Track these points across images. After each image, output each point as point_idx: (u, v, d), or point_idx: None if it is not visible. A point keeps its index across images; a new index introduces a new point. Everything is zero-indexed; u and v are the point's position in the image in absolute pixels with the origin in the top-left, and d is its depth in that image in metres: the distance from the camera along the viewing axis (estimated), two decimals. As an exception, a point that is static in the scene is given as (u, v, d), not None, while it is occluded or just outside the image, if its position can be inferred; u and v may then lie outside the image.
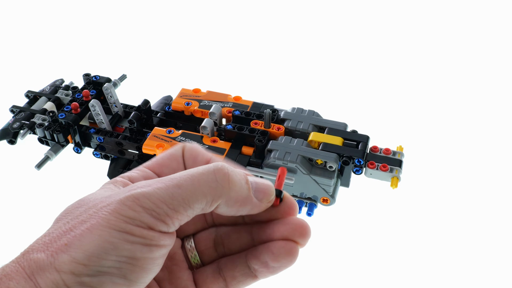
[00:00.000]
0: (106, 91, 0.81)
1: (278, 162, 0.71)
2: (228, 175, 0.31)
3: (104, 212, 0.29)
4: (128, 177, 0.34)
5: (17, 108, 0.84)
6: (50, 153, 0.78)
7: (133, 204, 0.29)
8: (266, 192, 0.33)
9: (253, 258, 0.33)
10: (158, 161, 0.35)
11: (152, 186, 0.29)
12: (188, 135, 0.76)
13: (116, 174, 0.78)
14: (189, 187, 0.30)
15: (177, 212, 0.29)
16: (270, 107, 0.81)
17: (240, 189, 0.31)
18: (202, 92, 0.84)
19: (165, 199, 0.29)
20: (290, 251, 0.32)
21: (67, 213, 0.31)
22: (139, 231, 0.28)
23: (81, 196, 0.35)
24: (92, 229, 0.28)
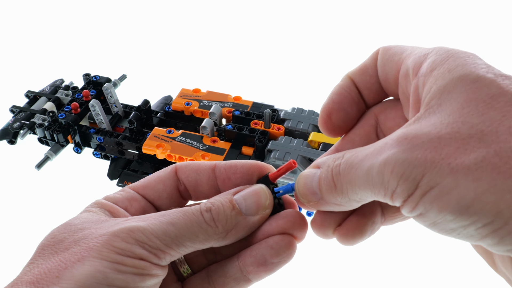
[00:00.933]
0: (106, 91, 0.81)
1: (278, 162, 0.71)
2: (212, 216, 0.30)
3: (96, 243, 0.28)
4: (112, 199, 0.33)
5: (17, 108, 0.84)
6: (50, 153, 0.78)
7: (126, 236, 0.28)
8: (258, 202, 0.32)
9: (248, 258, 0.32)
10: (143, 182, 0.34)
11: (146, 221, 0.29)
12: (188, 135, 0.76)
13: (116, 174, 0.78)
14: (182, 226, 0.30)
15: (170, 248, 0.29)
16: (270, 107, 0.81)
17: (229, 220, 0.31)
18: (202, 92, 0.84)
19: (158, 234, 0.29)
20: (290, 244, 0.32)
21: (55, 242, 0.30)
22: (131, 261, 0.28)
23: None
24: (83, 260, 0.28)
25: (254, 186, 0.33)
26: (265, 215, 0.32)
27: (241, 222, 0.31)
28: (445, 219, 0.24)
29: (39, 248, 0.30)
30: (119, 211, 0.33)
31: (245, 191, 0.32)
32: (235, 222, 0.31)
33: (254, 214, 0.32)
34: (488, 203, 0.23)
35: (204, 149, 0.74)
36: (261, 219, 0.32)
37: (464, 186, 0.23)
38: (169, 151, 0.74)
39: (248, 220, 0.31)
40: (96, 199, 0.34)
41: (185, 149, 0.74)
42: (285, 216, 0.32)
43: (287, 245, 0.32)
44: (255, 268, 0.32)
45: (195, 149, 0.74)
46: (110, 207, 0.33)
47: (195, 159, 0.73)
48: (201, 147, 0.74)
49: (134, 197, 0.34)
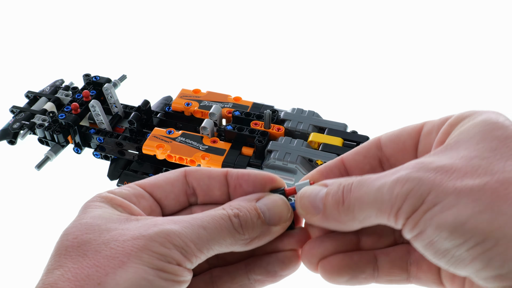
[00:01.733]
0: (106, 92, 0.81)
1: (278, 162, 0.71)
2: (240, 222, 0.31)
3: (132, 247, 0.28)
4: (120, 194, 0.33)
5: (17, 109, 0.84)
6: (50, 154, 0.78)
7: (164, 241, 0.28)
8: (281, 214, 0.33)
9: (258, 269, 0.33)
10: (151, 181, 0.34)
11: (179, 224, 0.29)
12: (188, 136, 0.76)
13: (116, 175, 0.78)
14: (212, 230, 0.30)
15: (201, 252, 0.30)
16: (270, 107, 0.81)
17: (255, 228, 0.32)
18: (202, 93, 0.84)
19: (192, 239, 0.29)
20: (298, 260, 0.34)
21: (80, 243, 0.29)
22: (171, 267, 0.28)
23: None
24: (125, 266, 0.27)
25: (275, 196, 0.33)
26: (285, 227, 0.33)
27: (264, 230, 0.32)
28: (440, 237, 0.25)
29: (61, 249, 0.29)
30: (131, 207, 0.32)
31: (268, 200, 0.33)
32: (260, 231, 0.32)
33: (276, 225, 0.33)
34: (482, 222, 0.24)
35: (204, 150, 0.74)
36: (281, 230, 0.33)
37: (464, 205, 0.25)
38: (169, 152, 0.74)
39: (270, 229, 0.32)
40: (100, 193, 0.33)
41: (185, 150, 0.74)
42: (295, 235, 0.34)
43: (296, 260, 0.34)
44: (263, 278, 0.33)
45: (195, 149, 0.74)
46: (121, 202, 0.32)
47: (195, 160, 0.73)
48: (201, 148, 0.74)
49: (142, 194, 0.34)
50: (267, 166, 0.72)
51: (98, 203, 0.32)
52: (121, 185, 0.76)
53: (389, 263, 0.32)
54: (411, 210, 0.26)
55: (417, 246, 0.27)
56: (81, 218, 0.30)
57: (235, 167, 0.72)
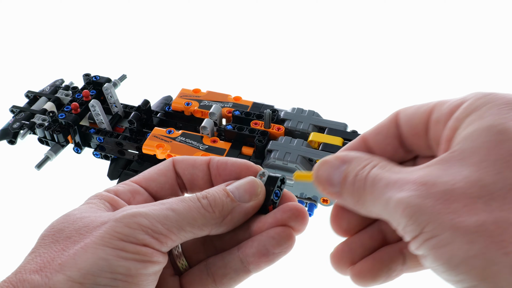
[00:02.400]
0: (106, 91, 0.81)
1: (278, 162, 0.71)
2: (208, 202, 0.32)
3: (98, 230, 0.29)
4: (114, 191, 0.34)
5: (17, 108, 0.84)
6: (50, 153, 0.78)
7: (129, 222, 0.29)
8: (251, 190, 0.33)
9: (249, 248, 0.33)
10: (145, 175, 0.35)
11: (148, 207, 0.30)
12: (188, 135, 0.76)
13: (116, 174, 0.78)
14: (181, 211, 0.30)
15: (171, 232, 0.30)
16: (270, 107, 0.81)
17: (225, 206, 0.32)
18: (202, 92, 0.84)
19: (160, 219, 0.30)
20: (290, 235, 0.33)
21: (55, 231, 0.30)
22: (133, 247, 0.28)
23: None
24: (86, 247, 0.28)
25: (246, 178, 0.34)
26: (258, 202, 0.33)
27: (236, 208, 0.32)
28: (438, 269, 0.25)
29: (39, 239, 0.31)
30: (120, 202, 0.33)
31: (237, 182, 0.34)
32: (231, 208, 0.32)
33: (247, 201, 0.33)
34: (475, 268, 0.24)
35: (204, 149, 0.74)
36: (255, 205, 0.33)
37: (459, 245, 0.24)
38: (169, 151, 0.74)
39: (242, 206, 0.33)
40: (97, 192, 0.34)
41: (185, 149, 0.74)
42: (285, 209, 0.33)
43: (288, 235, 0.33)
44: (256, 258, 0.32)
45: (195, 149, 0.74)
46: (111, 199, 0.33)
47: (195, 159, 0.73)
48: (201, 147, 0.74)
49: (137, 190, 0.34)
50: (267, 166, 0.72)
51: (91, 200, 0.33)
52: (121, 185, 0.76)
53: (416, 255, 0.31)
54: (412, 235, 0.26)
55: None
56: (67, 212, 0.32)
57: (235, 166, 0.72)
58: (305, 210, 0.34)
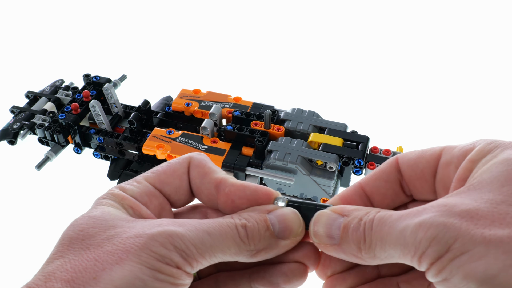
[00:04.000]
0: (106, 92, 0.81)
1: (278, 163, 0.71)
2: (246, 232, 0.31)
3: (133, 245, 0.28)
4: (132, 193, 0.32)
5: (17, 109, 0.84)
6: (50, 154, 0.78)
7: (165, 241, 0.28)
8: (292, 227, 0.32)
9: (261, 279, 0.33)
10: (161, 177, 0.34)
11: (184, 227, 0.29)
12: (188, 136, 0.76)
13: (116, 175, 0.78)
14: (217, 237, 0.29)
15: (203, 257, 0.29)
16: (270, 107, 0.81)
17: (262, 240, 0.31)
18: (202, 93, 0.84)
19: (195, 243, 0.29)
20: (303, 274, 0.33)
21: (84, 236, 0.29)
22: (169, 269, 0.28)
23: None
24: (122, 263, 0.27)
25: (287, 209, 0.32)
26: (295, 242, 0.32)
27: (272, 244, 0.31)
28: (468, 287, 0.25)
29: (65, 240, 0.29)
30: (141, 208, 0.32)
31: (280, 213, 0.32)
32: (267, 243, 0.31)
33: (285, 239, 0.32)
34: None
35: (204, 150, 0.74)
36: (291, 245, 0.32)
37: (494, 256, 0.24)
38: (169, 152, 0.74)
39: (279, 243, 0.32)
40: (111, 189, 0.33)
41: (185, 150, 0.74)
42: (302, 248, 0.33)
43: (301, 274, 0.33)
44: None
45: (195, 149, 0.74)
46: (132, 203, 0.32)
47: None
48: (201, 148, 0.74)
49: (153, 192, 0.33)
50: (267, 166, 0.72)
51: (109, 201, 0.32)
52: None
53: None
54: (435, 256, 0.26)
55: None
56: (91, 211, 0.31)
57: (235, 167, 0.72)
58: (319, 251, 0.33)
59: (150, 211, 0.33)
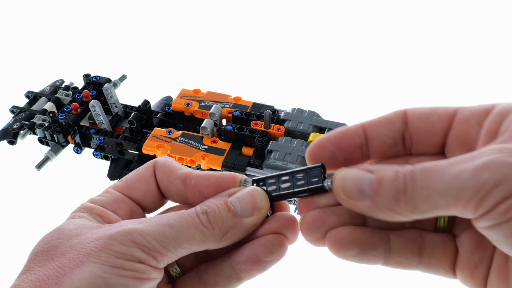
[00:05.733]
0: (106, 92, 0.81)
1: (278, 162, 0.71)
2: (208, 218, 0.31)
3: (93, 248, 0.28)
4: (101, 203, 0.33)
5: (17, 109, 0.84)
6: (50, 154, 0.78)
7: (125, 239, 0.28)
8: (254, 203, 0.32)
9: (241, 256, 0.32)
10: (128, 183, 0.34)
11: (144, 223, 0.29)
12: (188, 136, 0.76)
13: (116, 175, 0.78)
14: (179, 228, 0.30)
15: (167, 250, 0.29)
16: (270, 107, 0.81)
17: (225, 222, 0.31)
18: (202, 93, 0.84)
19: (156, 236, 0.29)
20: (282, 243, 0.32)
21: (49, 248, 0.29)
22: (130, 265, 0.28)
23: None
24: (83, 266, 0.27)
25: (248, 188, 0.33)
26: (261, 217, 0.32)
27: (237, 223, 0.31)
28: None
29: (32, 255, 0.30)
30: (109, 215, 0.33)
31: (239, 193, 0.32)
32: (231, 224, 0.31)
33: (249, 216, 0.32)
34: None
35: (204, 150, 0.74)
36: (257, 220, 0.32)
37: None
38: (169, 152, 0.74)
39: (244, 221, 0.32)
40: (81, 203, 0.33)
41: (185, 150, 0.74)
42: (278, 218, 0.33)
43: (279, 243, 0.32)
44: (247, 266, 0.32)
45: (195, 149, 0.74)
46: (100, 211, 0.32)
47: (195, 160, 0.73)
48: (201, 148, 0.74)
49: (121, 198, 0.34)
50: (267, 166, 0.72)
51: (79, 213, 0.32)
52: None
53: (402, 244, 0.31)
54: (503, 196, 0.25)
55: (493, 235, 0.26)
56: (59, 226, 0.31)
57: (235, 167, 0.72)
58: (297, 221, 0.33)
59: (119, 217, 0.33)
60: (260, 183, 0.33)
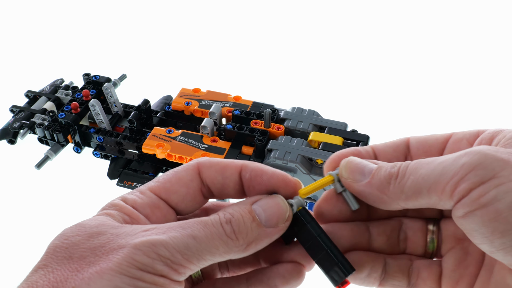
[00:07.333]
0: (106, 91, 0.81)
1: (278, 161, 0.71)
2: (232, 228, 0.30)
3: (115, 255, 0.27)
4: (132, 203, 0.32)
5: (17, 108, 0.84)
6: (50, 153, 0.78)
7: (148, 250, 0.27)
8: (279, 214, 0.31)
9: (258, 283, 0.32)
10: (166, 186, 0.33)
11: (167, 233, 0.28)
12: (188, 135, 0.76)
13: (116, 174, 0.78)
14: (203, 239, 0.29)
15: (191, 263, 0.28)
16: (270, 106, 0.81)
17: (250, 232, 0.30)
18: (202, 92, 0.84)
19: (180, 249, 0.28)
20: (300, 274, 0.32)
21: (68, 244, 0.29)
22: (150, 277, 0.27)
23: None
24: (102, 273, 0.27)
25: (273, 196, 0.32)
26: (284, 228, 0.32)
27: (261, 233, 0.31)
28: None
29: (51, 249, 0.29)
30: (140, 218, 0.32)
31: (264, 201, 0.32)
32: (256, 234, 0.30)
33: (273, 226, 0.31)
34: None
35: (204, 149, 0.74)
36: (279, 232, 0.32)
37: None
38: (169, 151, 0.74)
39: (268, 231, 0.31)
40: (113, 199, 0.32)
41: (185, 149, 0.74)
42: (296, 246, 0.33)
43: (298, 274, 0.32)
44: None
45: (195, 148, 0.74)
46: (130, 212, 0.31)
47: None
48: (201, 147, 0.74)
49: (156, 204, 0.32)
50: (267, 165, 0.72)
51: (109, 211, 0.31)
52: (121, 185, 0.76)
53: (396, 267, 0.33)
54: (478, 181, 0.26)
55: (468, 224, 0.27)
56: (82, 221, 0.30)
57: (235, 166, 0.72)
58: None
59: (152, 223, 0.32)
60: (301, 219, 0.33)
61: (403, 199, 0.30)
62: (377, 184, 0.31)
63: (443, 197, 0.28)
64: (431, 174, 0.28)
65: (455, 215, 0.28)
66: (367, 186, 0.31)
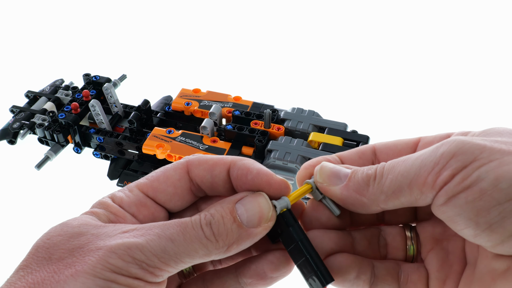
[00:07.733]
0: (106, 91, 0.81)
1: (278, 162, 0.71)
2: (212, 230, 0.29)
3: (91, 257, 0.28)
4: (119, 201, 0.32)
5: (17, 108, 0.84)
6: (50, 153, 0.78)
7: (123, 254, 0.27)
8: (260, 215, 0.31)
9: (247, 271, 0.32)
10: (154, 185, 0.33)
11: (146, 236, 0.28)
12: (188, 135, 0.76)
13: (116, 174, 0.78)
14: (181, 242, 0.28)
15: (168, 265, 0.28)
16: (270, 107, 0.81)
17: (230, 234, 0.30)
18: (202, 92, 0.84)
19: (157, 252, 0.28)
20: (289, 261, 0.32)
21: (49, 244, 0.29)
22: (124, 280, 0.27)
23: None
24: (77, 276, 0.27)
25: (256, 195, 0.31)
26: (267, 228, 0.31)
27: (242, 234, 0.30)
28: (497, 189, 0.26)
29: (33, 249, 0.29)
30: (126, 216, 0.32)
31: (247, 200, 0.31)
32: (236, 236, 0.30)
33: (256, 227, 0.30)
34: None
35: (204, 149, 0.74)
36: (263, 232, 0.31)
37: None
38: (169, 151, 0.74)
39: (250, 232, 0.30)
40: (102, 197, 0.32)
41: (185, 149, 0.74)
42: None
43: (286, 261, 0.32)
44: (253, 280, 0.32)
45: (195, 149, 0.74)
46: (116, 211, 0.32)
47: (195, 159, 0.73)
48: (201, 147, 0.74)
49: (143, 202, 0.32)
50: (267, 166, 0.72)
51: (95, 209, 0.32)
52: (121, 185, 0.76)
53: (385, 270, 0.33)
54: (459, 166, 0.27)
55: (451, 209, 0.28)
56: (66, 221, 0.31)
57: (235, 166, 0.72)
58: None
59: (138, 221, 0.32)
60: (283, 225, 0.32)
61: (382, 200, 0.30)
62: (354, 187, 0.31)
63: (425, 189, 0.28)
64: (410, 169, 0.29)
65: (436, 205, 0.28)
66: (344, 189, 0.31)
